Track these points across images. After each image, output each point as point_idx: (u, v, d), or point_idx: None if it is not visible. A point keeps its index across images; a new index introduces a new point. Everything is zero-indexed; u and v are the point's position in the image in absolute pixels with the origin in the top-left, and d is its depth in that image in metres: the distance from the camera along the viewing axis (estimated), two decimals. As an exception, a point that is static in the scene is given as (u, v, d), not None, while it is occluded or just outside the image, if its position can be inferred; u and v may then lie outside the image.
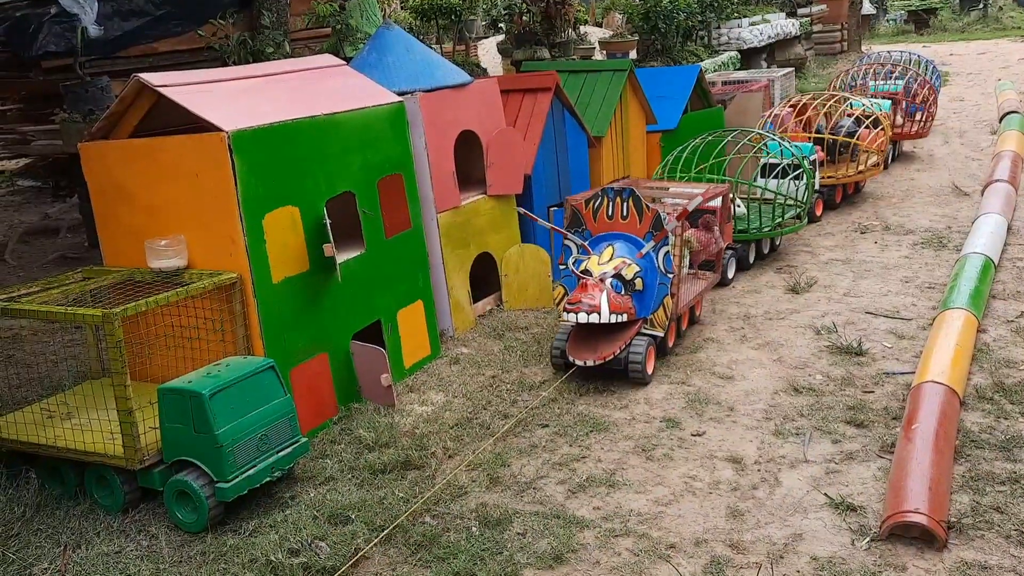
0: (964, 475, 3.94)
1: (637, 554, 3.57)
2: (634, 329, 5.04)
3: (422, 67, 5.97)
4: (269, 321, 4.42)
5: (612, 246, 5.13)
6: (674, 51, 13.87)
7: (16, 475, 4.23)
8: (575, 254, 5.24)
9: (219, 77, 4.77)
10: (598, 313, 4.87)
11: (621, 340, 4.98)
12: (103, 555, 3.71)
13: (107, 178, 4.56)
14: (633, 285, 5.03)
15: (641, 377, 5.01)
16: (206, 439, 3.76)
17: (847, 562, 3.44)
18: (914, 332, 5.60)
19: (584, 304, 4.88)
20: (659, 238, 5.04)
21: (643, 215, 5.09)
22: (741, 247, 6.92)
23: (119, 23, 7.51)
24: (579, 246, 5.23)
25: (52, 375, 5.40)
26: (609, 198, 5.17)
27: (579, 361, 4.93)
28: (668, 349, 5.40)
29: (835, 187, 8.63)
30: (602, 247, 5.17)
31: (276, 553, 3.59)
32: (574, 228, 5.30)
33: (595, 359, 4.90)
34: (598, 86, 7.70)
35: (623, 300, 4.97)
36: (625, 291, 5.01)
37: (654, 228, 5.06)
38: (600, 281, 4.96)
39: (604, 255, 5.10)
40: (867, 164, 8.74)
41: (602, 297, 4.89)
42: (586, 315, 4.87)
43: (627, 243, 5.15)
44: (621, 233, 5.18)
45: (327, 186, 4.78)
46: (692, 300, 5.65)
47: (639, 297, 5.07)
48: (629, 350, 5.00)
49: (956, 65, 18.76)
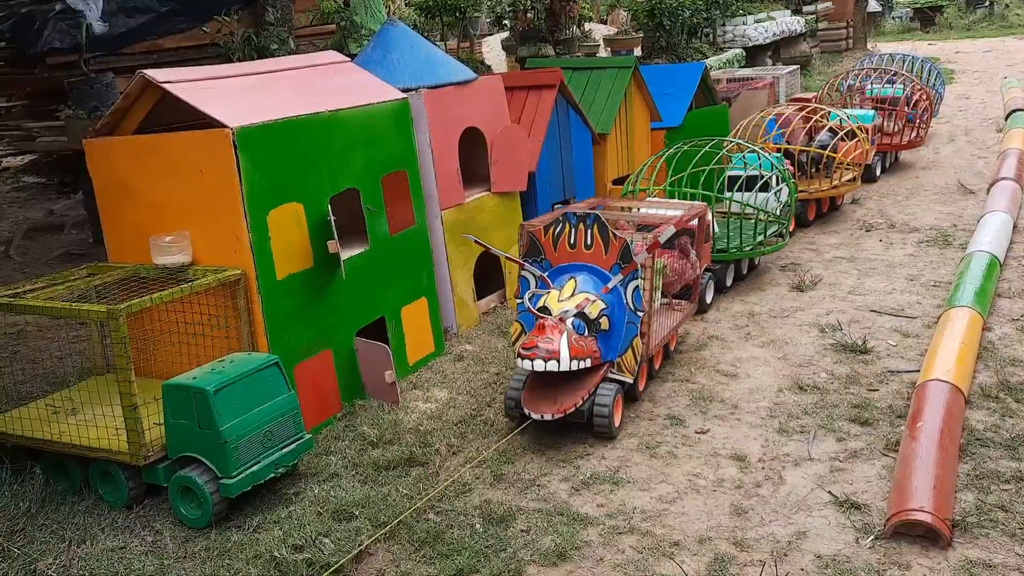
0: (969, 473, 3.93)
1: (641, 551, 3.57)
2: (599, 375, 4.44)
3: (426, 64, 5.97)
4: (273, 317, 4.42)
5: (574, 279, 4.52)
6: (679, 48, 13.86)
7: (21, 471, 4.24)
8: (533, 287, 4.60)
9: (224, 74, 4.77)
10: (556, 360, 4.22)
11: (584, 388, 4.37)
12: (108, 550, 3.72)
13: (112, 174, 4.57)
14: (598, 325, 4.42)
15: (607, 431, 4.40)
16: (210, 435, 3.77)
17: (851, 560, 3.43)
18: (919, 330, 5.59)
19: (541, 349, 4.22)
20: (627, 271, 4.44)
21: (609, 244, 4.48)
22: (719, 268, 6.41)
23: (124, 20, 7.52)
24: (537, 278, 4.59)
25: (57, 371, 5.41)
26: (571, 224, 4.55)
27: (535, 415, 4.32)
28: (639, 395, 4.82)
29: (807, 203, 7.97)
30: (563, 280, 4.55)
31: (280, 549, 3.59)
32: (532, 257, 4.67)
33: (554, 412, 4.29)
34: (603, 83, 7.69)
35: (586, 343, 4.37)
36: (589, 332, 4.41)
37: (622, 260, 4.45)
38: (560, 321, 4.32)
39: (565, 289, 4.48)
40: (842, 179, 8.08)
41: (562, 340, 4.25)
42: (543, 362, 4.21)
43: (591, 276, 4.53)
44: (585, 264, 4.57)
45: (331, 183, 4.78)
46: (666, 337, 5.10)
47: (605, 338, 4.47)
48: (594, 400, 4.40)
49: (962, 63, 18.71)
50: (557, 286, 4.53)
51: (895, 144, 9.98)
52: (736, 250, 6.44)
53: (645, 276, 4.56)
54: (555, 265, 4.63)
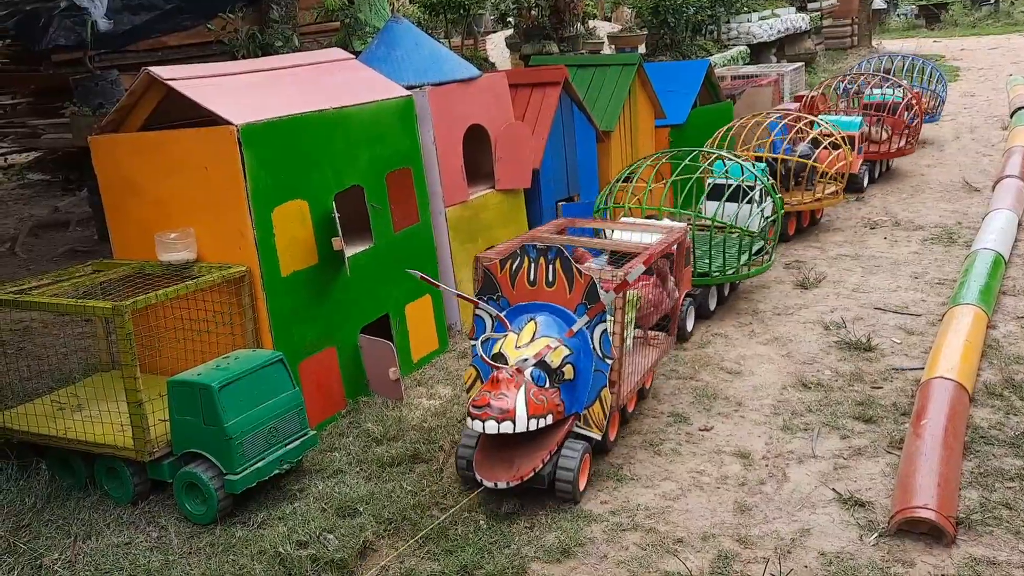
0: (973, 471, 3.93)
1: (644, 548, 3.57)
2: (563, 431, 3.90)
3: (431, 61, 5.97)
4: (278, 314, 4.43)
5: (534, 321, 3.95)
6: (683, 45, 13.84)
7: (27, 466, 4.25)
8: (488, 329, 4.05)
9: (228, 71, 4.78)
10: (512, 420, 3.65)
11: (545, 448, 3.83)
12: (113, 546, 3.73)
13: (117, 171, 4.58)
14: (561, 374, 3.87)
15: (571, 496, 3.87)
16: (215, 431, 3.78)
17: (855, 557, 3.43)
18: (923, 328, 5.58)
19: (493, 408, 3.64)
20: (594, 312, 3.89)
21: (573, 282, 3.93)
22: (700, 292, 5.89)
23: (128, 17, 7.53)
24: (494, 318, 4.03)
25: (62, 367, 5.43)
26: (531, 259, 4.01)
27: (488, 482, 3.76)
28: (609, 446, 4.29)
29: (788, 216, 7.47)
30: (522, 321, 3.98)
31: (284, 545, 3.60)
32: (487, 295, 4.10)
33: (510, 479, 3.73)
34: (607, 80, 7.68)
35: (548, 396, 3.81)
36: (551, 383, 3.85)
37: (587, 299, 3.91)
38: (517, 372, 3.75)
39: (524, 333, 3.91)
40: (824, 192, 7.67)
41: (518, 396, 3.69)
42: (496, 424, 3.63)
43: (554, 317, 3.98)
44: (546, 304, 4.02)
45: (336, 180, 4.79)
46: (640, 380, 4.55)
47: (569, 389, 3.91)
48: (557, 463, 3.85)
49: (967, 60, 18.65)
50: (515, 328, 3.95)
51: (883, 152, 9.50)
52: (719, 273, 5.95)
53: (615, 318, 4.03)
54: (513, 304, 4.07)
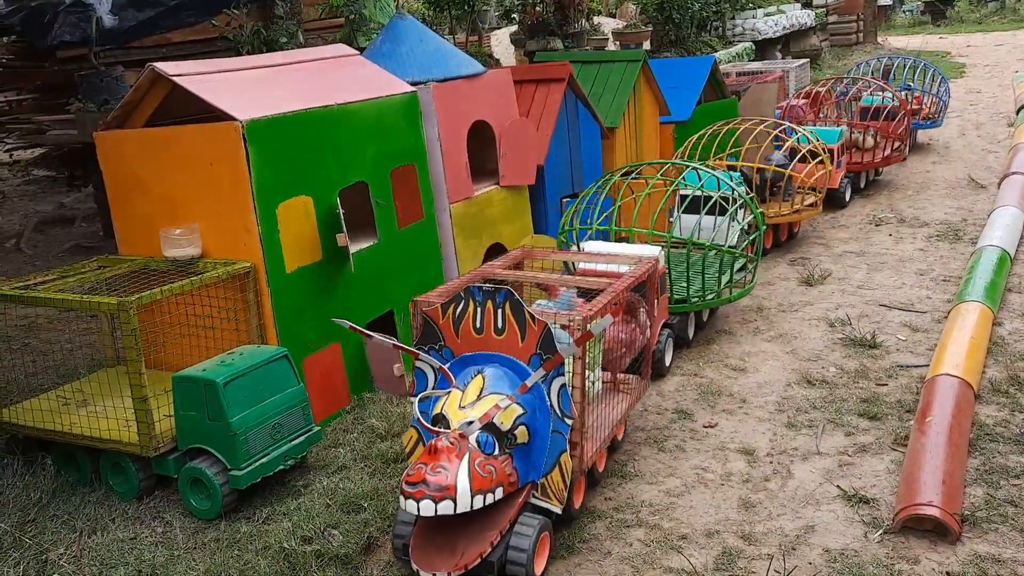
0: (978, 468, 3.92)
1: (648, 545, 3.57)
2: (517, 504, 3.33)
3: (435, 57, 5.97)
4: (282, 310, 4.43)
5: (482, 375, 3.38)
6: (688, 42, 13.82)
7: (32, 461, 4.27)
8: (430, 384, 3.50)
9: (233, 67, 4.78)
10: (452, 499, 3.05)
11: (496, 526, 3.25)
12: (118, 541, 3.74)
13: (122, 167, 4.58)
14: (513, 438, 3.29)
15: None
16: (220, 427, 3.78)
17: (860, 554, 3.43)
18: (929, 325, 5.57)
19: (430, 485, 3.04)
20: (551, 365, 3.29)
21: (526, 329, 3.36)
22: (678, 321, 5.37)
23: (133, 13, 7.53)
24: (436, 371, 3.48)
25: (68, 363, 5.44)
26: (477, 302, 3.43)
27: (425, 572, 3.19)
28: (574, 513, 3.73)
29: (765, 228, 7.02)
30: (468, 375, 3.40)
31: (289, 540, 3.61)
32: (428, 344, 3.54)
33: (451, 570, 3.16)
34: (612, 77, 7.67)
35: (497, 465, 3.21)
36: (501, 448, 3.26)
37: (543, 349, 3.33)
38: (460, 438, 3.15)
39: (470, 390, 3.33)
40: (803, 203, 7.29)
41: (460, 469, 3.10)
42: (432, 504, 3.03)
43: (504, 370, 3.40)
44: (495, 355, 3.44)
45: (340, 176, 4.79)
46: (610, 435, 4.00)
47: (523, 454, 3.34)
48: (508, 542, 3.26)
49: (973, 56, 18.59)
50: (460, 383, 3.38)
51: (867, 163, 8.80)
52: (698, 299, 5.43)
53: (574, 370, 3.44)
54: (458, 354, 3.51)
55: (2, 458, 4.34)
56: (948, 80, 11.49)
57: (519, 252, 4.58)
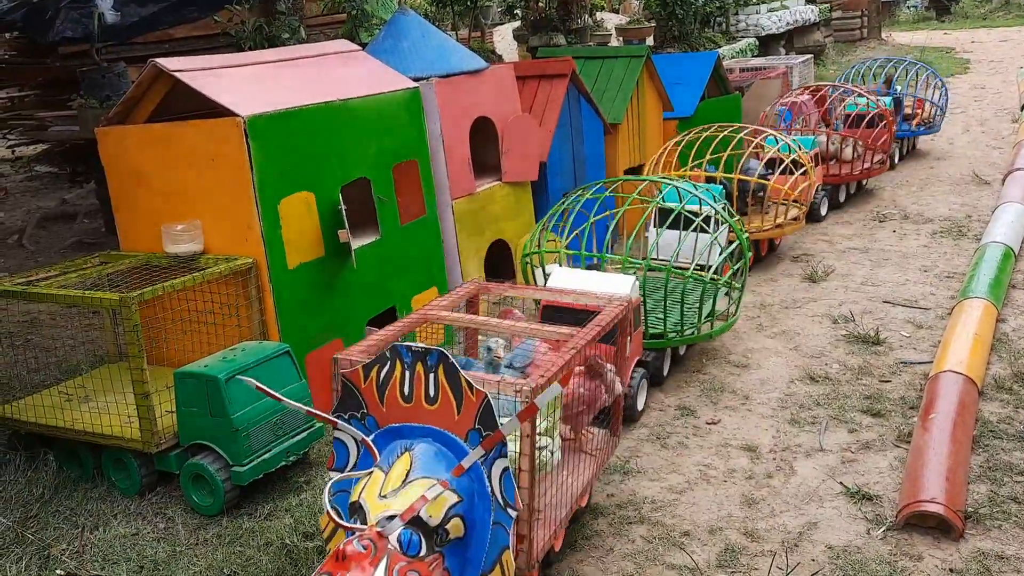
0: (982, 465, 3.91)
1: (651, 541, 3.57)
2: None
3: (438, 53, 5.96)
4: (284, 306, 4.43)
5: (409, 453, 2.77)
6: (691, 37, 13.78)
7: (35, 457, 4.27)
8: (352, 460, 2.93)
9: (235, 62, 4.77)
10: None
11: None
12: (120, 537, 3.74)
13: (124, 163, 4.58)
14: (444, 533, 2.68)
15: None
16: (222, 423, 3.78)
17: (863, 551, 3.42)
18: (932, 321, 5.55)
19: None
20: (491, 444, 2.71)
21: (463, 399, 2.79)
22: (654, 357, 4.79)
23: (135, 9, 7.52)
24: (359, 443, 2.89)
25: (70, 359, 5.44)
26: (405, 364, 2.85)
27: None
28: None
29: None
30: (393, 452, 2.81)
31: (291, 536, 3.61)
32: (348, 411, 2.96)
33: None
34: (614, 72, 7.65)
35: (423, 571, 2.59)
36: (429, 547, 2.63)
37: (482, 424, 2.76)
38: (379, 537, 2.51)
39: (394, 472, 2.73)
40: (787, 216, 6.73)
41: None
42: None
43: (437, 447, 2.82)
44: (426, 428, 2.86)
45: (342, 172, 4.78)
46: (571, 511, 3.40)
47: (458, 551, 2.75)
48: None
49: (977, 52, 18.52)
50: (384, 462, 2.78)
51: (845, 175, 8.07)
52: (675, 334, 4.86)
53: (521, 450, 2.89)
54: (383, 424, 2.93)
55: (5, 454, 4.35)
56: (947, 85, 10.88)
57: (472, 286, 3.99)
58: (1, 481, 4.15)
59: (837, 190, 8.22)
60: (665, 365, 4.98)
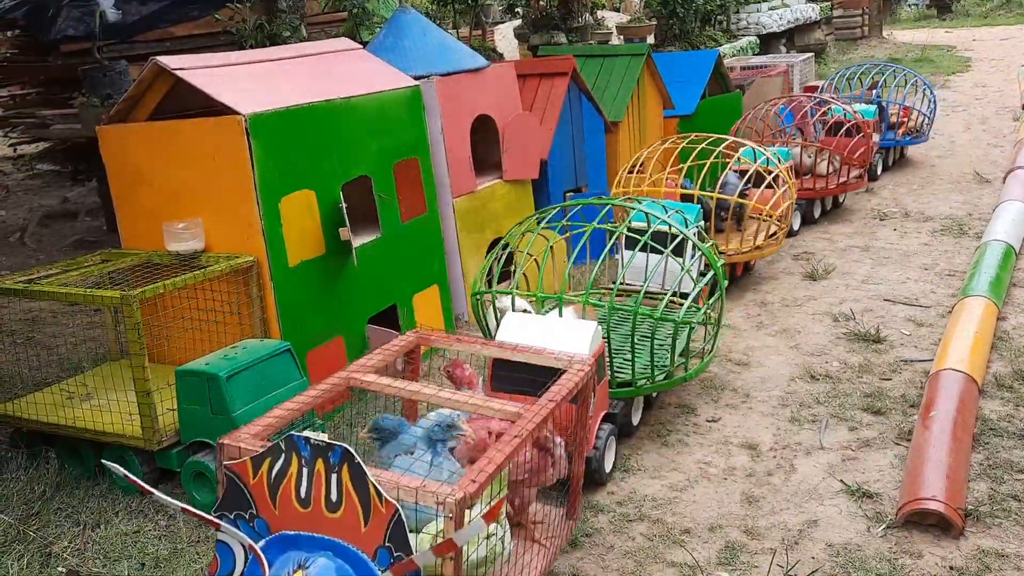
0: (982, 463, 3.91)
1: (651, 539, 3.57)
2: None
3: (438, 51, 5.96)
4: (286, 304, 4.44)
5: (303, 571, 2.34)
6: (692, 36, 13.78)
7: (36, 455, 4.28)
8: (238, 569, 2.41)
9: (236, 60, 4.77)
10: None
11: None
12: (122, 534, 3.75)
13: (125, 161, 4.58)
14: None
15: None
16: (223, 420, 3.79)
17: (863, 549, 3.43)
18: (933, 320, 5.56)
19: None
20: (401, 571, 2.28)
21: (371, 510, 2.33)
22: (622, 408, 4.20)
23: (137, 7, 7.53)
24: (247, 550, 2.39)
25: (71, 357, 5.45)
26: (302, 459, 2.40)
27: None
28: None
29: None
30: (287, 566, 2.37)
31: (292, 534, 3.60)
32: (234, 511, 2.50)
33: None
34: (615, 71, 7.66)
35: None
36: None
37: (393, 543, 2.30)
38: None
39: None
40: (767, 234, 6.21)
41: None
42: None
43: (338, 563, 2.35)
44: (326, 540, 2.39)
45: (343, 170, 4.78)
46: None
47: None
48: None
49: (979, 51, 18.51)
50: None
51: (819, 190, 7.57)
52: (645, 381, 4.23)
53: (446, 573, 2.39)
54: (276, 530, 2.45)
55: (6, 452, 4.35)
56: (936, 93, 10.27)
57: (412, 336, 3.55)
58: (3, 479, 4.16)
59: (812, 205, 7.71)
60: (635, 414, 4.38)
